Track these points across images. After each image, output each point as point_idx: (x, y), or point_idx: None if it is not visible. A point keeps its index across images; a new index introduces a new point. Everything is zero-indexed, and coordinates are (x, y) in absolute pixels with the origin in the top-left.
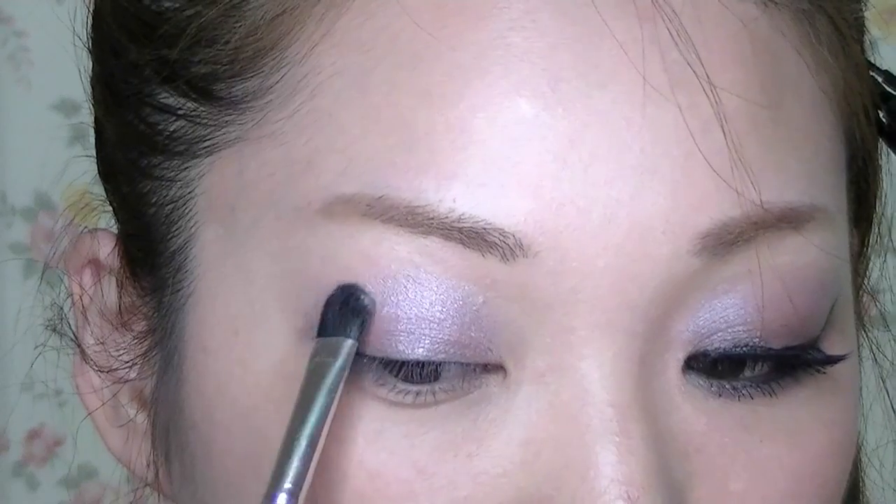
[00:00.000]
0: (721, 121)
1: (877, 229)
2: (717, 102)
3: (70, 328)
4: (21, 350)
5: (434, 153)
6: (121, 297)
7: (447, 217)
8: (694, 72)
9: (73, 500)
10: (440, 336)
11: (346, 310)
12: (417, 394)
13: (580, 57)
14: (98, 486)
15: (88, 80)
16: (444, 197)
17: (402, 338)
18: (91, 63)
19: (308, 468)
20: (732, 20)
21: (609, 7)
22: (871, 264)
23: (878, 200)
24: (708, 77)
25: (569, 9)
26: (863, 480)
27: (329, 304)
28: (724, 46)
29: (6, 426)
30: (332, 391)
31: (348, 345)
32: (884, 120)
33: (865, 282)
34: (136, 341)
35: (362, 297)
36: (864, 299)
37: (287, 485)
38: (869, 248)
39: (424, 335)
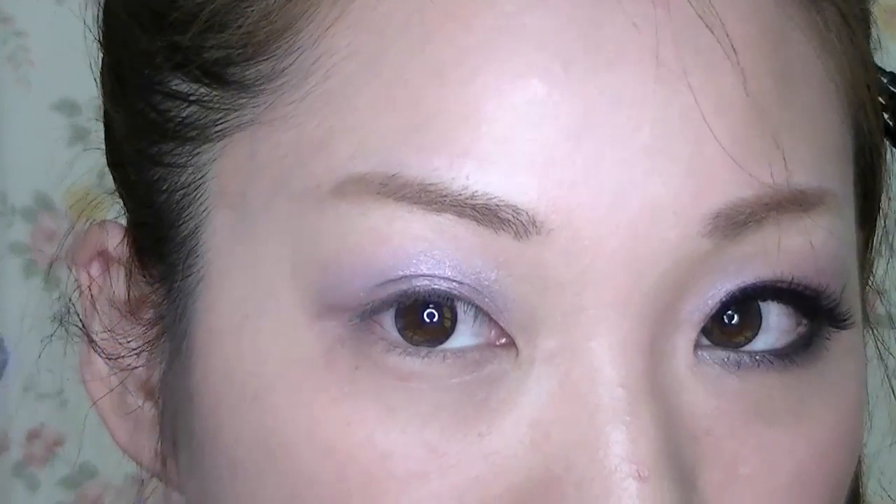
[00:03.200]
0: (744, 93)
1: (882, 228)
2: (741, 70)
3: (76, 322)
4: (21, 350)
5: (446, 131)
6: (129, 287)
7: (460, 194)
8: (721, 46)
9: (74, 501)
10: (455, 291)
11: None
12: (426, 355)
13: (592, 37)
14: (99, 486)
15: (97, 73)
16: (456, 174)
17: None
18: (100, 56)
19: None
20: (743, 3)
21: None
22: (875, 264)
23: (882, 200)
24: (734, 48)
25: None
26: (864, 484)
27: None
28: (734, 29)
29: (6, 426)
30: None
31: None
32: (889, 122)
33: (870, 283)
34: (144, 329)
35: None
36: (869, 298)
37: None
38: (873, 251)
39: (437, 282)
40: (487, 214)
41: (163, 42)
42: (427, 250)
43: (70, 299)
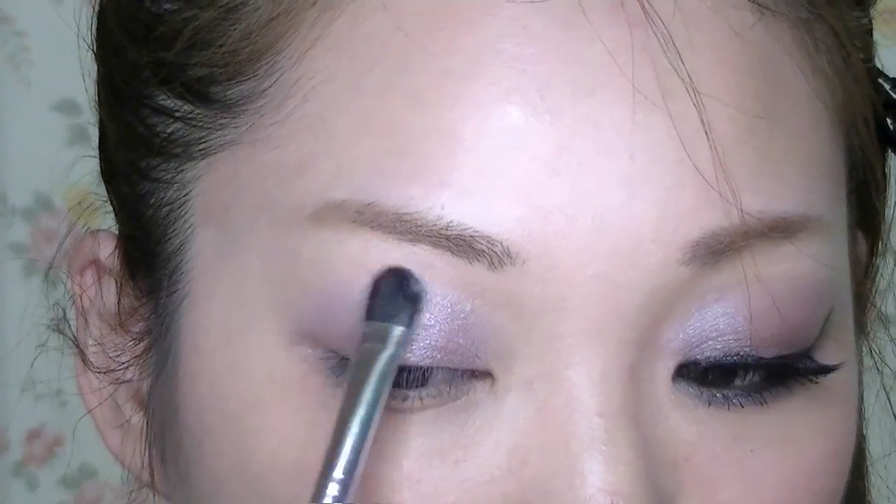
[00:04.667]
0: (706, 129)
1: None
2: (702, 110)
3: (71, 329)
4: (22, 350)
5: (422, 160)
6: (119, 298)
7: (435, 224)
8: (681, 79)
9: (73, 500)
10: (427, 341)
11: (397, 295)
12: (405, 399)
13: (570, 64)
14: (98, 486)
15: (92, 80)
16: (432, 204)
17: None
18: (96, 64)
19: (359, 458)
20: (724, 27)
21: (600, 13)
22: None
23: (882, 209)
24: (693, 84)
25: (559, 15)
26: (868, 490)
27: (378, 286)
28: (715, 54)
29: (6, 426)
30: (383, 378)
31: (398, 332)
32: (891, 128)
33: (874, 286)
34: (133, 342)
35: (413, 284)
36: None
37: (339, 475)
38: (877, 257)
39: (413, 340)
40: (462, 245)
41: (150, 56)
42: None
43: (64, 310)
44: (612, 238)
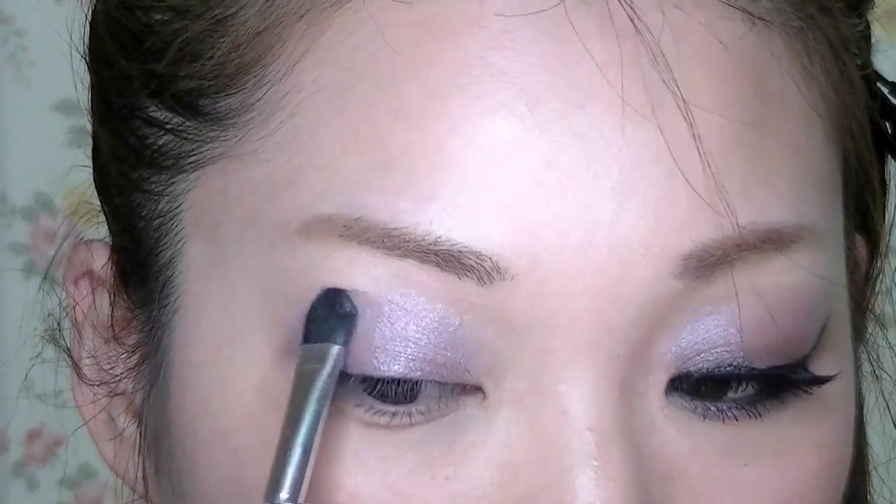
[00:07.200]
0: (696, 141)
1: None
2: (692, 123)
3: (66, 339)
4: (21, 351)
5: (410, 174)
6: (113, 309)
7: (423, 239)
8: (670, 92)
9: (74, 501)
10: (416, 354)
11: (331, 315)
12: (394, 415)
13: (559, 77)
14: (98, 486)
15: (87, 88)
16: (420, 219)
17: (377, 353)
18: (89, 73)
19: (304, 477)
20: (714, 39)
21: (588, 26)
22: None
23: (881, 215)
24: (682, 98)
25: (548, 28)
26: (871, 494)
27: (313, 310)
28: (704, 65)
29: (6, 427)
30: (322, 398)
31: (335, 350)
32: (889, 132)
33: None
34: (126, 354)
35: (346, 302)
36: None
37: (284, 494)
38: (876, 261)
39: (400, 353)
40: (450, 260)
41: (140, 68)
42: (389, 297)
43: (58, 321)
44: (603, 252)
